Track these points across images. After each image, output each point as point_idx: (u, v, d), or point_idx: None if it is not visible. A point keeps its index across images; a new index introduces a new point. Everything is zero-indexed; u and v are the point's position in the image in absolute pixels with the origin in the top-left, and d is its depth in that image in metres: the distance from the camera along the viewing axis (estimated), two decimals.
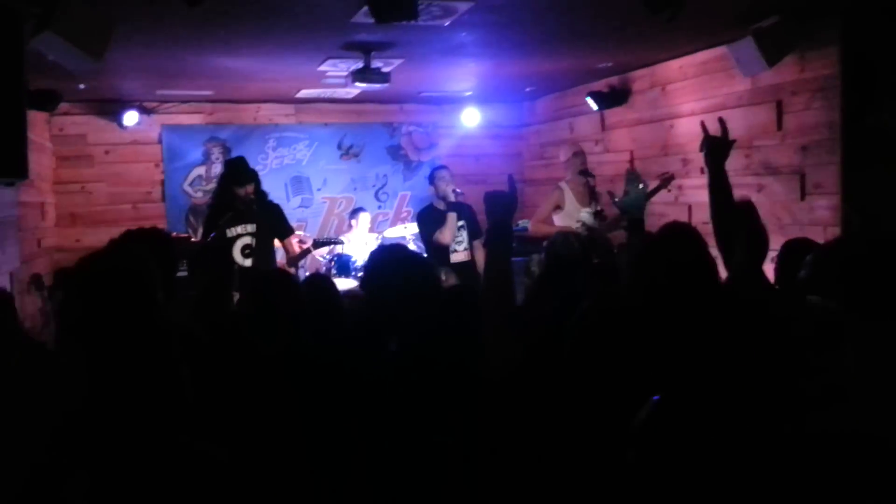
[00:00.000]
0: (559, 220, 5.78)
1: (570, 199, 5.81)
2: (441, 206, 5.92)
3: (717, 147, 2.77)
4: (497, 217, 2.16)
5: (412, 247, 6.84)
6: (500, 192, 2.28)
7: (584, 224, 5.55)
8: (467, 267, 5.83)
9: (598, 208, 5.57)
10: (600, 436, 1.65)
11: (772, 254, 2.97)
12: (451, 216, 5.81)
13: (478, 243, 5.96)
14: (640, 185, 2.90)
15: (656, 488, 1.38)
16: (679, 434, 1.42)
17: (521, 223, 7.43)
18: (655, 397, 1.45)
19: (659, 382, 1.51)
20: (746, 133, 5.33)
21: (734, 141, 2.89)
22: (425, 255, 5.82)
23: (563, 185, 5.87)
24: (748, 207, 2.77)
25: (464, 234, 5.96)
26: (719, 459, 1.35)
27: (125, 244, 2.44)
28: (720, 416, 1.43)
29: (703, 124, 2.91)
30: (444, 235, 5.79)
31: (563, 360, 1.83)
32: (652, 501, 1.39)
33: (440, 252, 5.79)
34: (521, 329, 2.20)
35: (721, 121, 2.95)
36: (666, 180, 5.47)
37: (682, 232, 2.28)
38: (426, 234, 5.93)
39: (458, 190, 5.89)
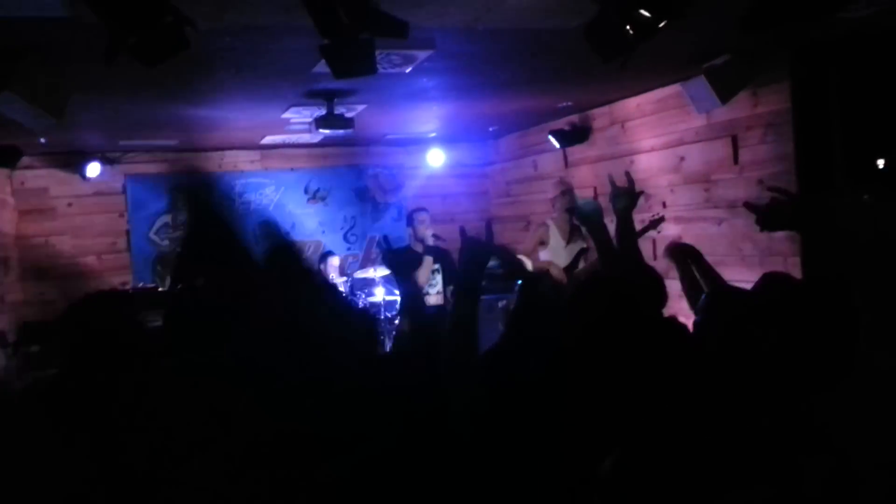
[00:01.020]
0: (544, 256, 5.81)
1: (555, 235, 5.86)
2: (418, 248, 5.96)
3: (623, 196, 2.94)
4: (470, 270, 2.15)
5: (380, 290, 6.85)
6: (477, 241, 2.27)
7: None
8: (439, 310, 5.84)
9: (584, 246, 5.61)
10: (565, 486, 1.66)
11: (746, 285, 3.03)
12: (427, 259, 5.86)
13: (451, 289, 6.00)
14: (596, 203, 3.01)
15: None
16: (642, 483, 1.44)
17: (493, 262, 7.43)
18: (616, 449, 1.47)
19: (617, 430, 1.53)
20: (704, 167, 5.46)
21: (641, 192, 3.10)
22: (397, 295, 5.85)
23: (549, 221, 5.90)
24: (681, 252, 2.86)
25: (438, 278, 5.98)
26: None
27: (86, 309, 2.41)
28: (685, 465, 1.44)
29: (610, 177, 3.04)
30: (418, 278, 5.80)
31: (527, 410, 1.84)
32: None
33: (415, 295, 5.79)
34: (486, 375, 2.21)
35: (627, 174, 3.09)
36: (655, 222, 5.53)
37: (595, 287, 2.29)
38: (402, 274, 5.93)
39: (437, 235, 5.93)
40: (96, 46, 2.92)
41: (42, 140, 6.11)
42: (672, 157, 5.78)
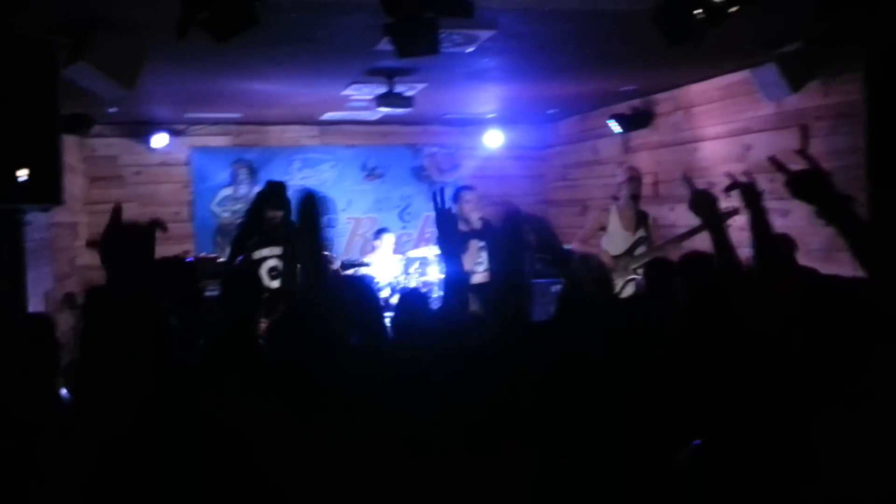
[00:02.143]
0: (604, 242, 5.69)
1: (615, 221, 5.68)
2: (463, 227, 5.94)
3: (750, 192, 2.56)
4: (510, 236, 2.13)
5: (433, 269, 6.88)
6: (518, 214, 2.25)
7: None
8: (487, 288, 5.81)
9: (643, 234, 5.49)
10: (636, 476, 1.66)
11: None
12: (473, 243, 5.82)
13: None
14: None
15: None
16: (720, 476, 1.43)
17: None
18: (696, 441, 1.46)
19: (695, 425, 1.53)
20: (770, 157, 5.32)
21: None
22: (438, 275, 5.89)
23: (612, 206, 5.72)
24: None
25: (484, 256, 5.97)
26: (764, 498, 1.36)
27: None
28: (760, 459, 1.43)
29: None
30: (466, 260, 5.78)
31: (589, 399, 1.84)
32: None
33: (461, 275, 5.79)
34: (539, 356, 2.21)
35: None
36: (728, 214, 5.36)
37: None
38: (449, 255, 5.94)
39: (484, 217, 5.88)
40: (169, 20, 2.99)
41: (112, 110, 6.29)
42: (737, 146, 5.64)
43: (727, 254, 2.54)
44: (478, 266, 5.96)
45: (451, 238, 2.89)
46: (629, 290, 5.48)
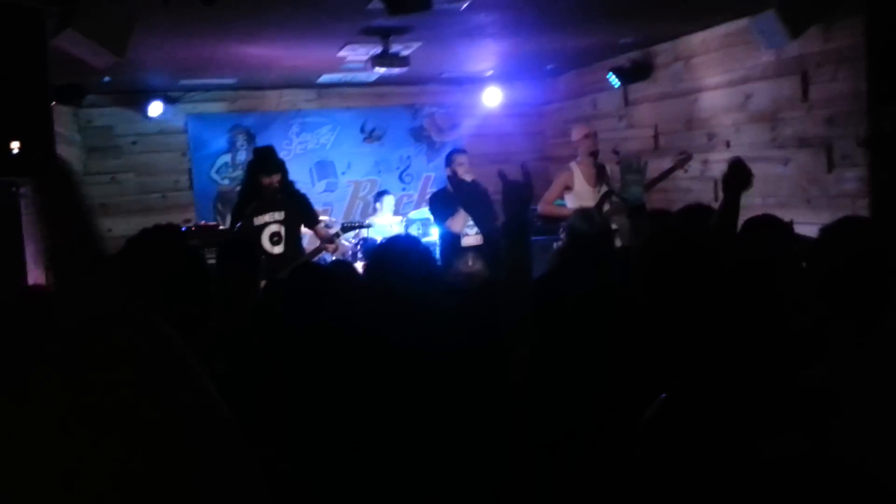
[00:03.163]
0: (570, 201, 5.75)
1: (579, 179, 5.78)
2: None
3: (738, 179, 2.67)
4: (513, 210, 2.12)
5: (435, 230, 6.87)
6: (515, 183, 2.25)
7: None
8: (479, 250, 5.82)
9: (607, 189, 5.56)
10: (610, 432, 1.67)
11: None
12: None
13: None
14: (637, 176, 2.86)
15: (661, 486, 1.40)
16: (684, 432, 1.43)
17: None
18: (662, 395, 1.46)
19: (666, 377, 1.52)
20: (772, 105, 5.27)
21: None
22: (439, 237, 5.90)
23: (572, 165, 5.84)
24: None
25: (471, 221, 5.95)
26: (724, 459, 1.36)
27: (140, 243, 2.47)
28: (727, 414, 1.43)
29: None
30: (456, 223, 5.71)
31: (578, 356, 1.84)
32: (657, 498, 1.41)
33: (451, 235, 5.81)
34: (541, 316, 2.21)
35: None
36: (681, 161, 5.45)
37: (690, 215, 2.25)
38: (439, 217, 5.96)
39: (476, 180, 5.87)
40: None
41: (106, 79, 6.23)
42: (738, 95, 5.58)
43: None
44: (469, 228, 5.96)
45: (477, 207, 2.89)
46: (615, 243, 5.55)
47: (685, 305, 1.53)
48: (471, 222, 5.94)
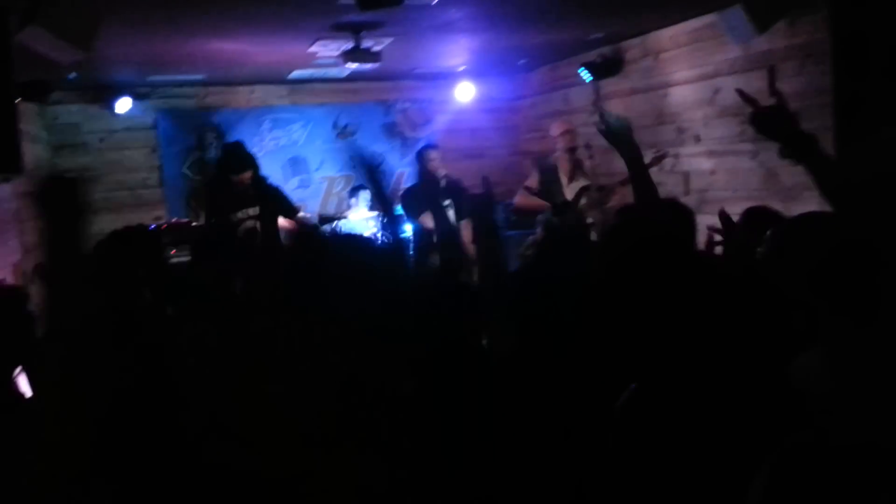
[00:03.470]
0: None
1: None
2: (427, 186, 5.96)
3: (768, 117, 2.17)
4: (479, 217, 2.19)
5: (409, 225, 6.88)
6: (477, 195, 2.34)
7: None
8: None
9: (585, 184, 5.66)
10: (583, 420, 1.68)
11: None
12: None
13: (465, 222, 5.97)
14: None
15: (634, 474, 1.41)
16: (656, 420, 1.45)
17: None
18: (632, 385, 1.48)
19: (638, 366, 1.54)
20: (739, 100, 5.32)
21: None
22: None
23: (549, 160, 5.99)
24: None
25: (450, 214, 5.97)
26: (697, 445, 1.38)
27: (108, 246, 2.46)
28: (699, 402, 1.45)
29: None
30: (428, 219, 5.73)
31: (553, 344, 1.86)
32: (631, 487, 1.42)
33: (425, 232, 5.81)
34: (518, 308, 2.24)
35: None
36: (657, 159, 5.51)
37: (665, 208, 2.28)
38: (411, 213, 5.98)
39: (448, 175, 5.92)
40: None
41: (72, 75, 6.14)
42: (707, 90, 5.64)
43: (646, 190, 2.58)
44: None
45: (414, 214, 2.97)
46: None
47: (649, 296, 1.54)
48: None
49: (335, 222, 6.77)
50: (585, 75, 6.74)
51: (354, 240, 2.40)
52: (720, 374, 1.45)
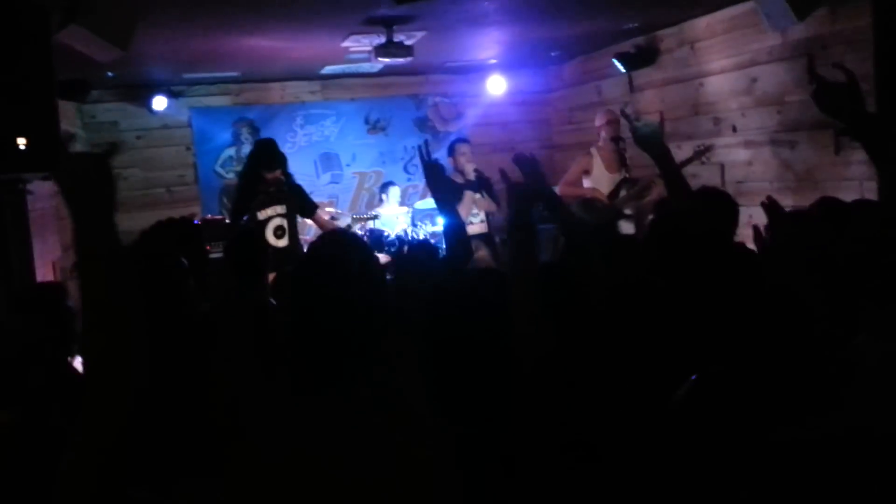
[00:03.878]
0: (587, 185, 5.83)
1: (598, 164, 5.92)
2: (458, 179, 5.96)
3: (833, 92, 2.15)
4: (519, 207, 2.12)
5: (441, 219, 6.86)
6: (521, 186, 2.27)
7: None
8: (483, 238, 5.90)
9: (626, 175, 5.60)
10: (633, 416, 1.66)
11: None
12: (468, 195, 5.87)
13: (495, 214, 6.03)
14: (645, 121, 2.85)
15: (693, 468, 1.40)
16: (717, 413, 1.43)
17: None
18: (693, 377, 1.46)
19: (692, 360, 1.52)
20: (778, 89, 5.24)
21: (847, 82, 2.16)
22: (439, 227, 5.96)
23: (593, 150, 5.97)
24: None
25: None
26: (755, 442, 1.36)
27: (154, 236, 2.48)
28: (754, 395, 1.43)
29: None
30: (460, 212, 5.76)
31: (591, 342, 1.84)
32: (686, 482, 1.41)
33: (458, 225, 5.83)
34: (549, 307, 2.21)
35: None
36: (699, 153, 5.44)
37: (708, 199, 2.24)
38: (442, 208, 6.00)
39: (478, 169, 5.93)
40: None
41: (109, 74, 6.23)
42: (744, 79, 5.55)
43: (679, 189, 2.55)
44: (473, 217, 5.98)
45: (443, 188, 2.88)
46: (625, 229, 5.63)
47: (700, 288, 1.52)
48: (475, 210, 5.97)
49: (368, 223, 6.78)
50: (619, 66, 6.67)
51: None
52: (771, 363, 1.44)
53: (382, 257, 6.31)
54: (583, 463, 1.64)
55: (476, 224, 6.01)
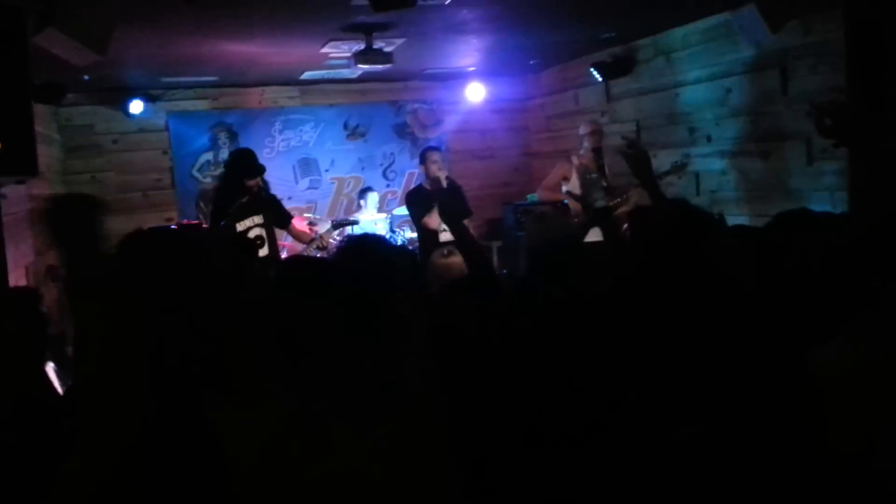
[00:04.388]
0: (565, 190, 5.89)
1: (577, 173, 5.93)
2: (429, 186, 5.97)
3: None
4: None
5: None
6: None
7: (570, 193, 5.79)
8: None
9: (605, 184, 5.65)
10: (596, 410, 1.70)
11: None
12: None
13: (466, 223, 6.01)
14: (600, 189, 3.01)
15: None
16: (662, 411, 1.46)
17: (529, 196, 7.47)
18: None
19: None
20: (752, 100, 5.32)
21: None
22: (416, 234, 5.98)
23: (574, 157, 6.01)
24: None
25: (434, 213, 5.99)
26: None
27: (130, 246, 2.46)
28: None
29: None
30: (431, 220, 5.73)
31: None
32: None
33: (429, 234, 5.83)
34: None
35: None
36: (677, 168, 5.55)
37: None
38: (414, 215, 6.00)
39: (449, 177, 5.95)
40: None
41: (86, 77, 6.17)
42: (719, 90, 5.63)
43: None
44: (445, 226, 5.99)
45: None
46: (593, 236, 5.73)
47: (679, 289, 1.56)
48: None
49: (348, 228, 6.79)
50: (596, 75, 6.73)
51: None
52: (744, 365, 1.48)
53: None
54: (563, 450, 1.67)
55: (448, 232, 6.02)
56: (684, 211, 2.00)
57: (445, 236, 5.91)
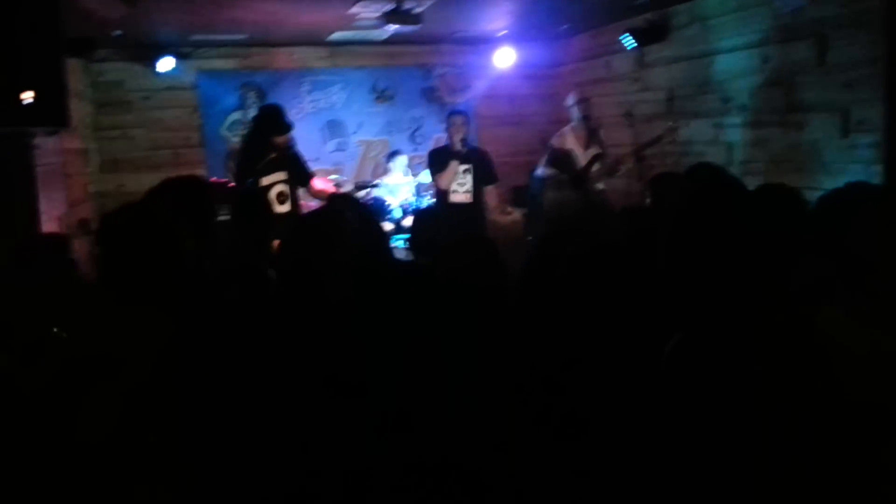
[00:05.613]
0: None
1: (572, 142, 6.09)
2: (453, 148, 6.02)
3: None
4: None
5: None
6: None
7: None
8: (465, 208, 5.96)
9: (598, 151, 5.83)
10: (617, 369, 1.70)
11: None
12: (453, 164, 5.93)
13: (491, 188, 6.13)
14: None
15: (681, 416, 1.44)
16: (702, 367, 1.47)
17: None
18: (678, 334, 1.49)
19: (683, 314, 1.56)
20: (788, 69, 5.20)
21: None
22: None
23: (566, 130, 6.23)
24: None
25: (468, 178, 6.02)
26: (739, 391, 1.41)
27: (158, 195, 2.49)
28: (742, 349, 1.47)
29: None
30: (442, 180, 5.98)
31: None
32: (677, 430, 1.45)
33: (441, 193, 6.04)
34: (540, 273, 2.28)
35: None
36: (668, 130, 5.77)
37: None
38: (431, 173, 6.16)
39: (466, 140, 6.01)
40: None
41: (117, 32, 6.20)
42: (754, 58, 5.51)
43: None
44: (459, 186, 6.02)
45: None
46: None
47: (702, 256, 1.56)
48: (461, 180, 6.03)
49: (370, 189, 6.81)
50: (628, 42, 6.61)
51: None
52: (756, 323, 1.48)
53: (385, 225, 6.35)
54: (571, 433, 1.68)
55: (460, 193, 6.08)
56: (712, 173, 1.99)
57: (456, 197, 5.98)
